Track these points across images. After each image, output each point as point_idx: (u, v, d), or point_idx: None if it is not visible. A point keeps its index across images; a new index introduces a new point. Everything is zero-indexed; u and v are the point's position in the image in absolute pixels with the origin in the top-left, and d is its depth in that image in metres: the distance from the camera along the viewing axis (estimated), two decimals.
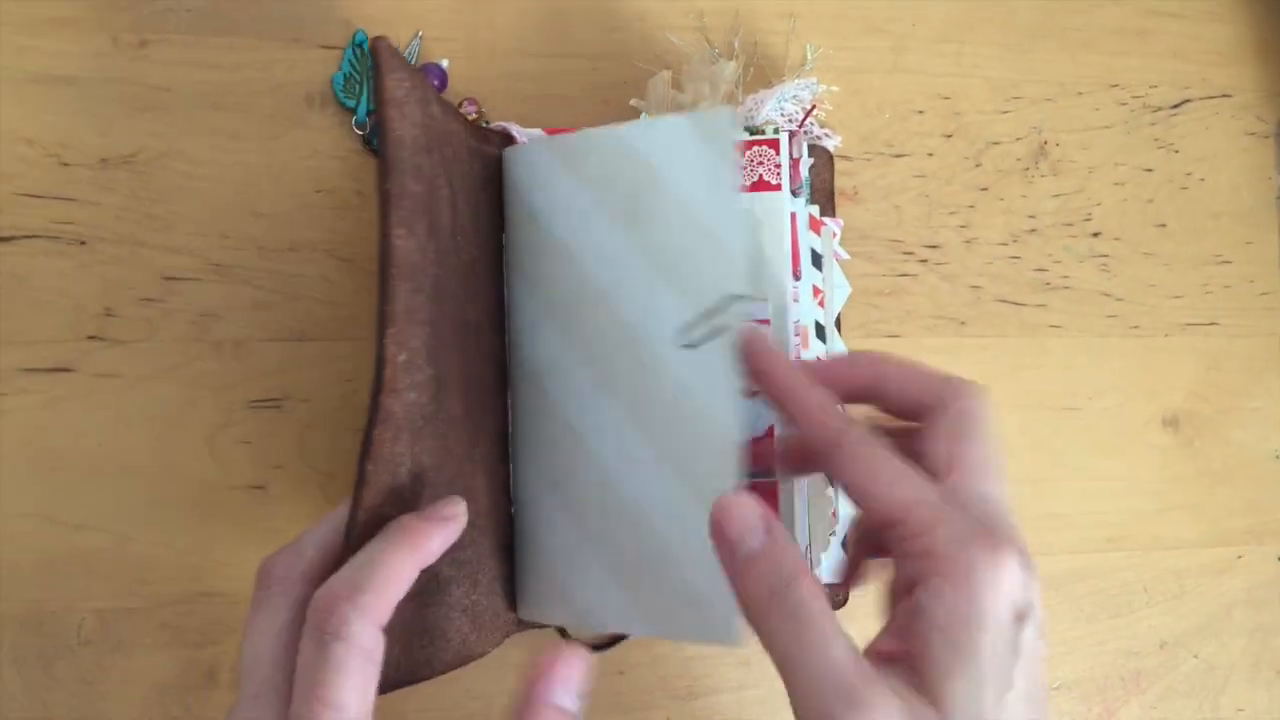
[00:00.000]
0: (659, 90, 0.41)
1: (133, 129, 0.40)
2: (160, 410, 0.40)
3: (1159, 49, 0.49)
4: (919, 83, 0.47)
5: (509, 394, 0.38)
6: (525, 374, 0.37)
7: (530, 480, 0.37)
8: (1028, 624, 0.24)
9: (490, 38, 0.43)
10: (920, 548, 0.25)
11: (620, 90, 0.44)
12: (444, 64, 0.42)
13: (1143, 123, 0.49)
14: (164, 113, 0.40)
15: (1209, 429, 0.49)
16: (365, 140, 0.41)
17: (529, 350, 0.37)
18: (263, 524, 0.40)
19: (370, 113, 0.41)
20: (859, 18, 0.46)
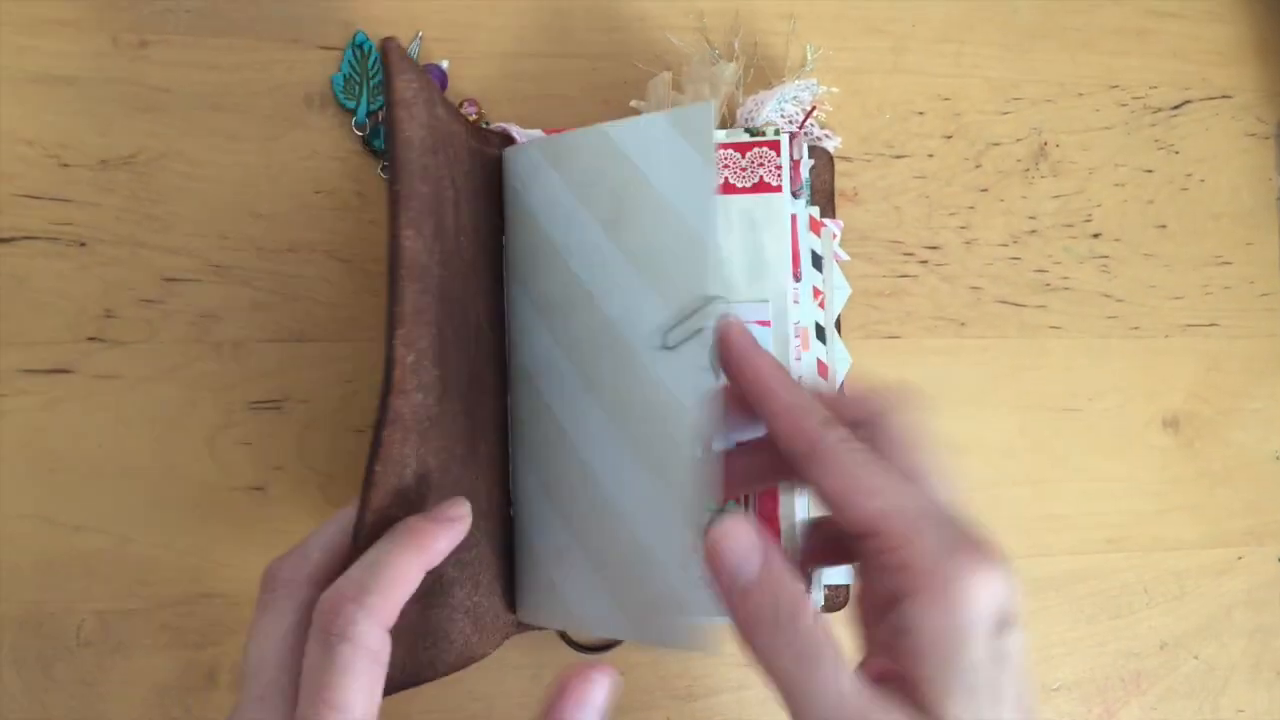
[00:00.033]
0: (659, 91, 0.41)
1: (132, 129, 0.40)
2: (160, 411, 0.40)
3: (1159, 49, 0.49)
4: (919, 83, 0.47)
5: (508, 395, 0.38)
6: (522, 375, 0.37)
7: (527, 482, 0.37)
8: (1012, 630, 0.25)
9: (490, 38, 0.43)
10: (898, 561, 0.25)
11: (620, 90, 0.44)
12: (444, 64, 0.42)
13: (1143, 124, 0.49)
14: (164, 113, 0.40)
15: (1209, 430, 0.49)
16: (365, 141, 0.41)
17: (525, 351, 0.37)
18: (263, 525, 0.40)
19: (370, 113, 0.41)
20: (859, 18, 0.46)
